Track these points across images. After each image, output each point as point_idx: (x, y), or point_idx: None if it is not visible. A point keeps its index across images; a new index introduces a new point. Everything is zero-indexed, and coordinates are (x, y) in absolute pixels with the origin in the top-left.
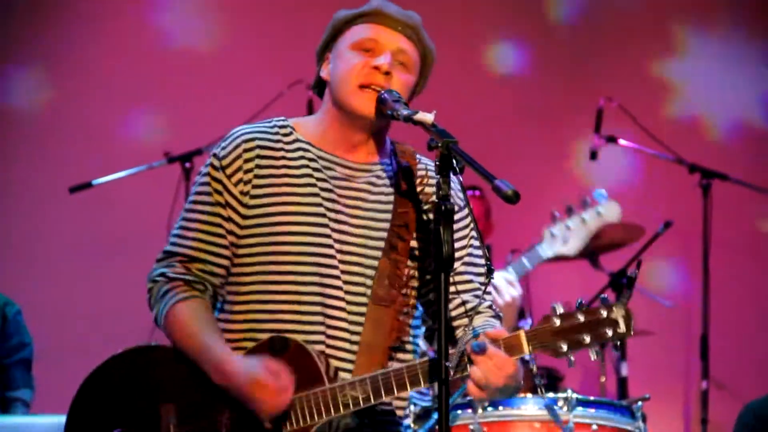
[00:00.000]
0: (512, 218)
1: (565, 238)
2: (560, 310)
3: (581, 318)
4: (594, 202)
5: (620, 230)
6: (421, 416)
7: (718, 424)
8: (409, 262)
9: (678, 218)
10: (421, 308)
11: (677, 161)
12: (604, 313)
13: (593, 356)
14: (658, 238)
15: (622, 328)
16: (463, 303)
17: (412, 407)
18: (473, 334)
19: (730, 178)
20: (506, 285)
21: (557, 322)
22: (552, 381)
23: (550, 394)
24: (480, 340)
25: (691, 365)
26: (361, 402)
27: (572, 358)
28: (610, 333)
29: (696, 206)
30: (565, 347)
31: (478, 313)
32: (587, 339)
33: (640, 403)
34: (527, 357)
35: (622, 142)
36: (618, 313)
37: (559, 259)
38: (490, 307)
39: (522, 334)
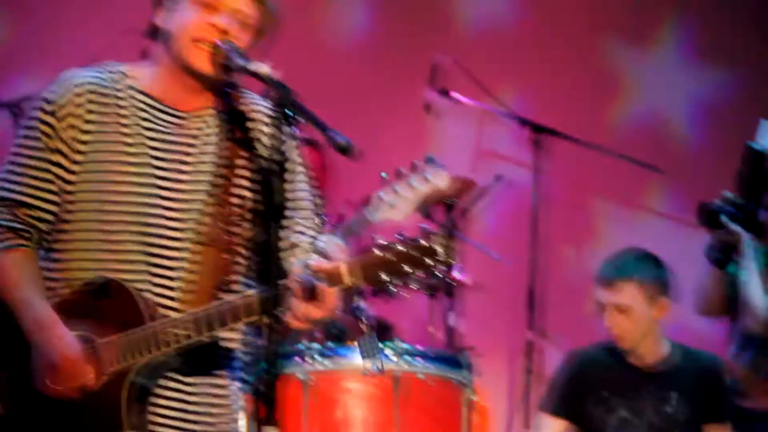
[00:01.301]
0: (351, 172)
1: (392, 203)
2: (381, 241)
3: (401, 248)
4: (423, 167)
5: (453, 184)
6: (250, 364)
7: (543, 374)
8: (235, 201)
9: (509, 172)
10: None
11: (510, 116)
12: (424, 243)
13: (414, 286)
14: (490, 192)
15: (442, 256)
16: (287, 240)
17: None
18: (298, 266)
19: (561, 134)
20: (334, 249)
21: (378, 252)
22: (382, 331)
23: (379, 344)
24: (301, 272)
25: (519, 317)
26: (182, 339)
27: (393, 290)
28: (430, 261)
29: (527, 161)
30: (386, 277)
31: (301, 248)
32: (408, 268)
33: (466, 353)
34: (361, 307)
35: (454, 95)
36: (437, 242)
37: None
38: (312, 243)
39: (343, 265)
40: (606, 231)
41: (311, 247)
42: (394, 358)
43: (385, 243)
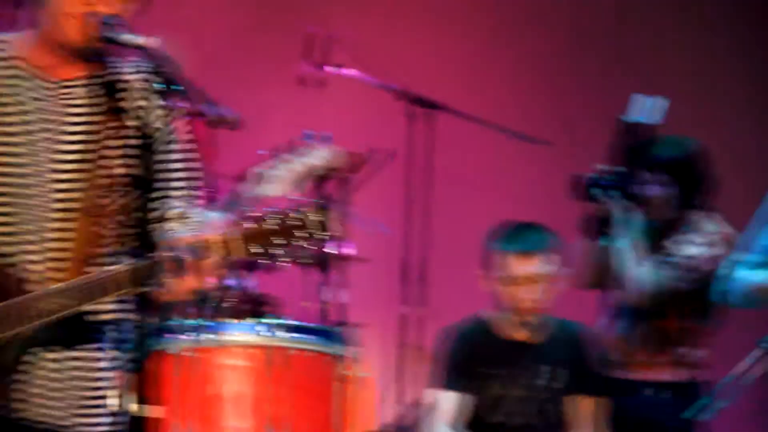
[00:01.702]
0: (229, 146)
1: (271, 177)
2: (257, 214)
3: (278, 221)
4: (302, 142)
5: (331, 158)
6: (122, 339)
7: (420, 347)
8: (108, 172)
9: (399, 147)
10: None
11: (388, 89)
12: (300, 216)
13: (290, 260)
14: (376, 167)
15: (318, 229)
16: (161, 211)
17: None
18: (170, 238)
19: (450, 109)
20: (210, 222)
21: (254, 225)
22: (259, 305)
23: (257, 319)
24: (175, 244)
25: (406, 291)
26: (51, 313)
27: (269, 263)
28: (305, 234)
29: (417, 136)
30: (262, 251)
31: (175, 219)
32: (283, 241)
33: (341, 327)
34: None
35: (330, 69)
36: (313, 215)
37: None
38: (187, 215)
39: (218, 237)
40: (486, 204)
41: (186, 219)
42: (269, 333)
43: (261, 216)
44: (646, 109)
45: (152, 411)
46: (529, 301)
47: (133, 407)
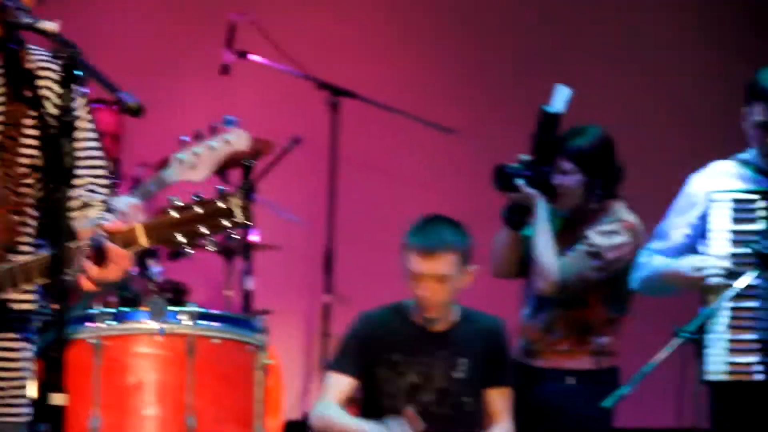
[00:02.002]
0: (149, 133)
1: (192, 164)
2: (177, 202)
3: (198, 209)
4: (223, 129)
5: (251, 145)
6: (40, 328)
7: (339, 337)
8: (23, 161)
9: (307, 134)
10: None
11: (307, 77)
12: (221, 204)
13: (211, 248)
14: (286, 154)
15: (239, 217)
16: (78, 199)
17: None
18: (89, 225)
19: (359, 96)
20: (129, 210)
21: (174, 214)
22: (177, 294)
23: (177, 307)
24: (94, 233)
25: (316, 279)
26: None
27: (189, 251)
28: (226, 222)
29: (324, 122)
30: (182, 239)
31: (93, 207)
32: (204, 229)
33: (262, 316)
34: (153, 271)
35: (253, 57)
36: (234, 204)
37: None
38: (104, 201)
39: (139, 226)
40: (403, 193)
41: (104, 207)
42: (189, 322)
43: (181, 204)
44: (566, 98)
45: (69, 400)
46: (430, 299)
47: (51, 397)
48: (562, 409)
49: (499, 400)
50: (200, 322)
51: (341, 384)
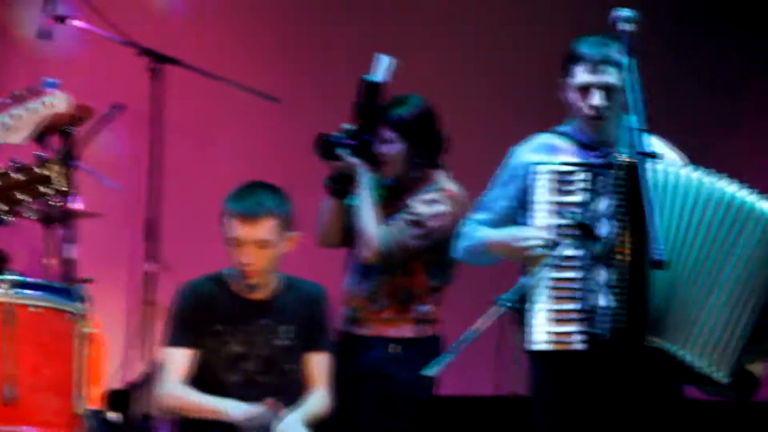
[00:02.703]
0: None
1: (11, 126)
2: None
3: (15, 175)
4: (42, 91)
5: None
6: None
7: (163, 306)
8: None
9: (129, 101)
10: None
11: (130, 44)
12: (39, 170)
13: (29, 215)
14: (108, 121)
15: (58, 184)
16: None
17: None
18: None
19: (181, 63)
20: None
21: None
22: None
23: None
24: None
25: (139, 248)
26: None
27: (7, 218)
28: (45, 189)
29: (146, 89)
30: (2, 207)
31: None
32: (23, 196)
33: (83, 285)
34: None
35: (71, 22)
36: (53, 170)
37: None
38: None
39: None
40: (228, 161)
41: None
42: (8, 290)
43: (4, 170)
44: (387, 68)
45: None
46: (252, 265)
47: None
48: (386, 377)
49: (317, 365)
50: (19, 290)
51: (181, 358)
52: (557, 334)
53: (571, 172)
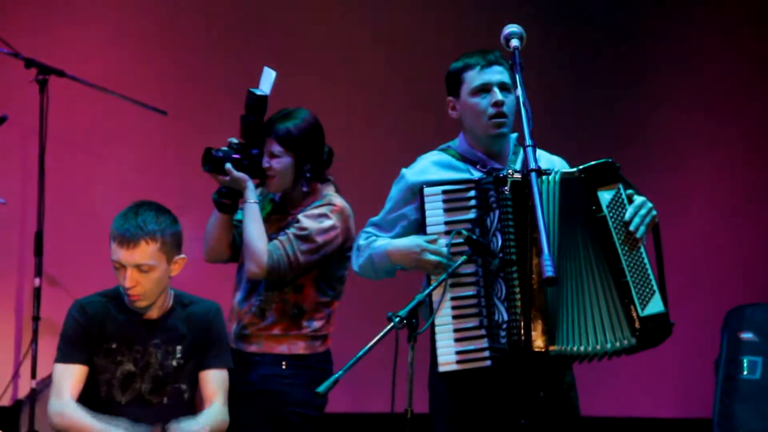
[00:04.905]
0: None
1: None
2: None
3: None
4: None
5: None
6: None
7: (50, 321)
8: None
9: (14, 113)
10: None
11: (17, 56)
12: None
13: None
14: None
15: None
16: None
17: None
18: None
19: (67, 75)
20: None
21: None
22: None
23: None
24: None
25: (26, 262)
26: None
27: None
28: None
29: (33, 101)
30: None
31: None
32: None
33: None
34: None
35: None
36: None
37: None
38: None
39: None
40: (116, 175)
41: None
42: None
43: None
44: (272, 81)
45: None
46: (134, 288)
47: None
48: (277, 394)
49: (212, 383)
50: None
51: (72, 374)
52: (464, 352)
53: (460, 191)
